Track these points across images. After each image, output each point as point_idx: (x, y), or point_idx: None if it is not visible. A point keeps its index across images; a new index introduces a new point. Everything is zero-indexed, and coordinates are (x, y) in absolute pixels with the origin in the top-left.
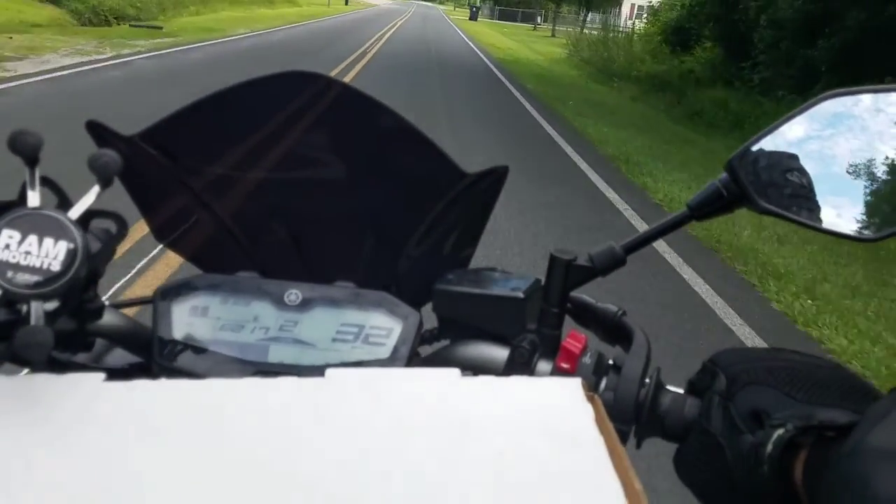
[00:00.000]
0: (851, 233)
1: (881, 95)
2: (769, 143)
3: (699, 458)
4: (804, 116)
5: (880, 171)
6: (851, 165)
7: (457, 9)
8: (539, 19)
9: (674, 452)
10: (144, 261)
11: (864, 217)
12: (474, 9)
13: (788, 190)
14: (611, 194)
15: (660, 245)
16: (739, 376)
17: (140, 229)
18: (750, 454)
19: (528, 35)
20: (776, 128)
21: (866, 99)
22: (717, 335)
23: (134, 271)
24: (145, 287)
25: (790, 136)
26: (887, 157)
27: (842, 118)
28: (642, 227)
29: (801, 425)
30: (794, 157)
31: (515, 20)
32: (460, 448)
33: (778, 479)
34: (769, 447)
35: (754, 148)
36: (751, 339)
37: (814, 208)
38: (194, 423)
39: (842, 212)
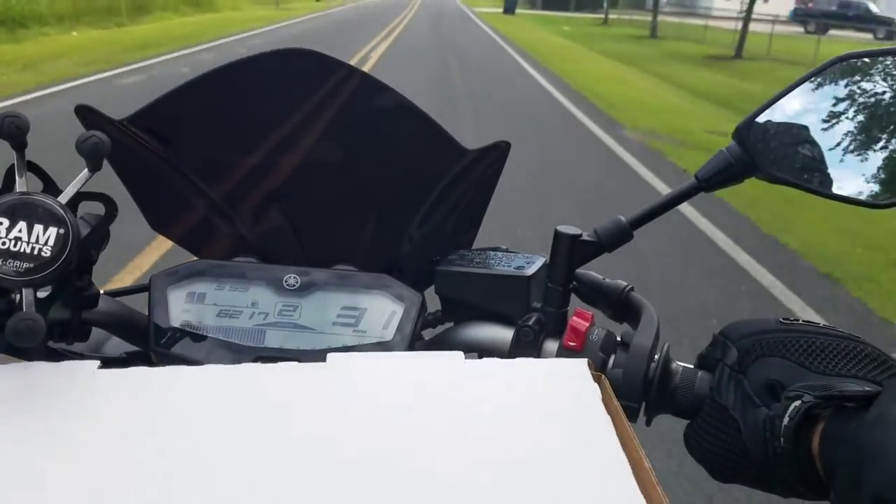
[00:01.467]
0: (866, 199)
1: (888, 58)
2: (778, 110)
3: (711, 432)
4: (813, 81)
5: (887, 135)
6: (863, 129)
7: None
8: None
9: (684, 428)
10: None
11: (878, 182)
12: None
13: (799, 157)
14: None
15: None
16: (752, 349)
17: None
18: (766, 427)
19: (607, 35)
20: (785, 94)
21: (877, 61)
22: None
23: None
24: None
25: (800, 101)
26: (894, 121)
27: (852, 81)
28: None
29: (821, 396)
30: (804, 124)
31: (566, 9)
32: (466, 432)
33: (794, 450)
34: (786, 419)
35: (762, 115)
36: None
37: (826, 175)
38: (193, 411)
39: (854, 178)
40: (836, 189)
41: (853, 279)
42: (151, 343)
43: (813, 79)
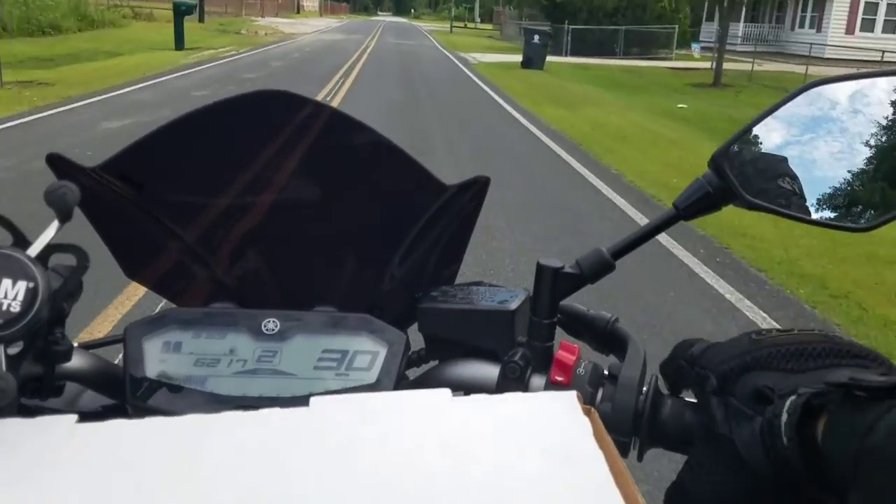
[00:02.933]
0: (843, 223)
1: (860, 82)
2: (752, 137)
3: (706, 465)
4: (785, 108)
5: (865, 159)
6: (836, 154)
7: (455, 28)
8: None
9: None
10: None
11: (854, 206)
12: (535, 40)
13: (775, 183)
14: None
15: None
16: (730, 371)
17: None
18: (763, 432)
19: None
20: (758, 121)
21: (846, 87)
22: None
23: None
24: None
25: (773, 128)
26: (870, 145)
27: (823, 107)
28: None
29: (828, 384)
30: (779, 150)
31: (612, 54)
32: (456, 470)
33: (799, 447)
34: (784, 416)
35: (737, 143)
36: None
37: (802, 200)
38: (173, 462)
39: (831, 202)
40: (815, 215)
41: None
42: (128, 396)
43: (784, 105)
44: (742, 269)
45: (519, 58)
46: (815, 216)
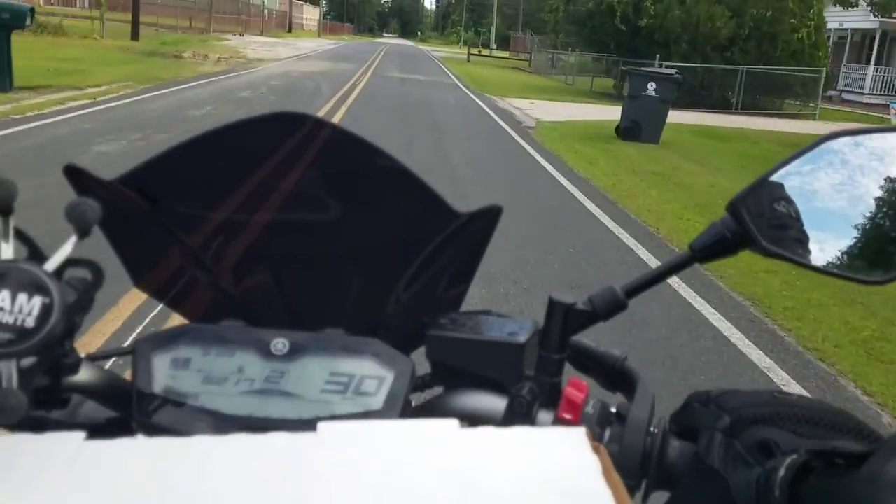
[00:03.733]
0: (860, 276)
1: (884, 135)
2: (772, 185)
3: (697, 495)
4: (807, 157)
5: (885, 213)
6: (856, 206)
7: (481, 54)
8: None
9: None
10: None
11: (871, 259)
12: (649, 90)
13: (793, 232)
14: None
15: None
16: (744, 416)
17: None
18: (760, 481)
19: None
20: (778, 168)
21: (869, 139)
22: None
23: None
24: None
25: (794, 176)
26: (892, 199)
27: (844, 159)
28: None
29: (815, 450)
30: (799, 198)
31: (725, 106)
32: (461, 503)
33: (788, 502)
34: (781, 471)
35: (757, 189)
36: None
37: (820, 250)
38: (179, 485)
39: (848, 253)
40: (832, 265)
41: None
42: (134, 411)
43: (806, 154)
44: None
45: (590, 109)
46: (832, 268)
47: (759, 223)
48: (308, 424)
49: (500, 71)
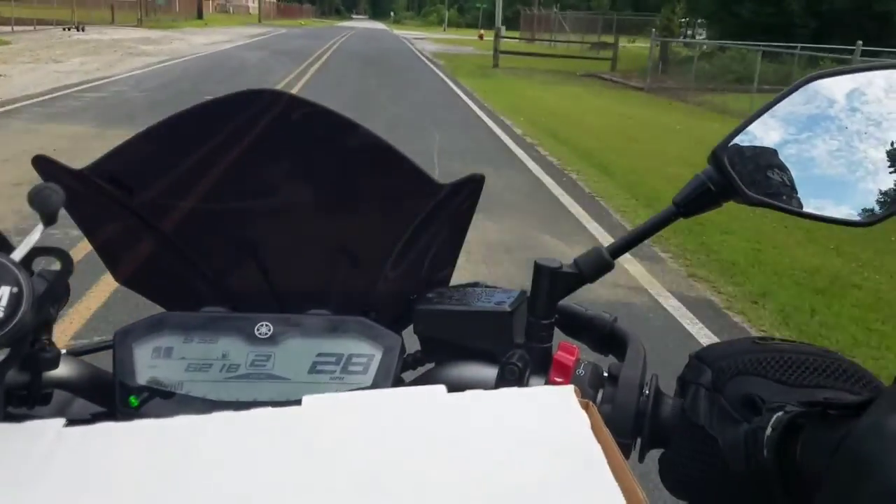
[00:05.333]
0: (844, 217)
1: (861, 75)
2: (752, 132)
3: (686, 454)
4: (786, 102)
5: (865, 153)
6: (835, 150)
7: (483, 39)
8: None
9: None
10: None
11: (855, 200)
12: None
13: (776, 178)
14: None
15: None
16: (727, 368)
17: None
18: (748, 440)
19: None
20: (758, 115)
21: (846, 80)
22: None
23: None
24: None
25: (773, 123)
26: (871, 139)
27: (824, 101)
28: None
29: (805, 402)
30: (779, 145)
31: None
32: (451, 465)
33: (778, 461)
34: (769, 430)
35: (737, 138)
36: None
37: (803, 195)
38: (162, 464)
39: (832, 197)
40: (816, 209)
41: None
42: (118, 403)
43: (784, 99)
44: None
45: None
46: (815, 211)
47: (742, 172)
48: (296, 406)
49: (585, 97)
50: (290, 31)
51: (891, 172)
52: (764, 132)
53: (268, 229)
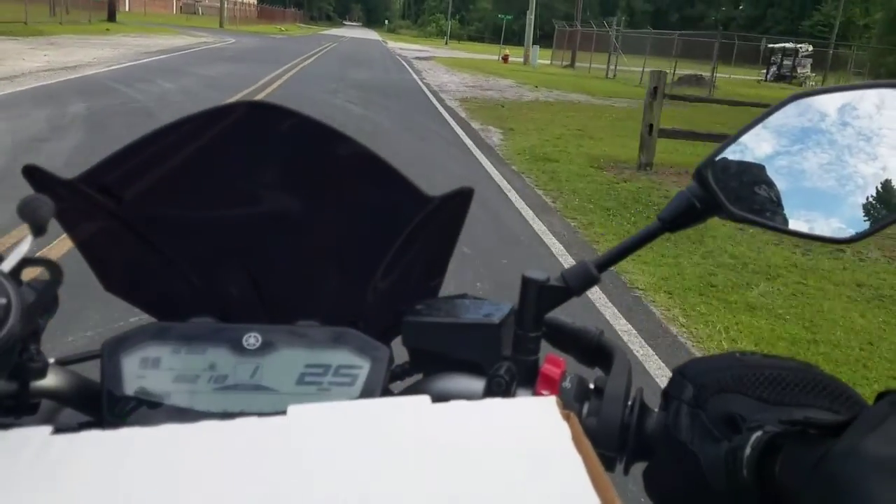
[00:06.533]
0: (827, 235)
1: (844, 94)
2: (736, 150)
3: (670, 469)
4: (769, 120)
5: (848, 171)
6: (823, 166)
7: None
8: None
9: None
10: None
11: (838, 218)
12: None
13: (760, 195)
14: None
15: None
16: (708, 385)
17: None
18: (728, 459)
19: None
20: (742, 133)
21: (830, 99)
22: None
23: None
24: None
25: (757, 140)
26: (854, 158)
27: (812, 119)
28: None
29: (783, 423)
30: (763, 161)
31: None
32: (434, 475)
33: (758, 481)
34: (748, 450)
35: (721, 155)
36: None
37: (787, 212)
38: (148, 473)
39: (815, 214)
40: (799, 226)
41: None
42: (105, 413)
43: (768, 117)
44: None
45: None
46: (799, 228)
47: (725, 189)
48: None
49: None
50: (238, 44)
51: (878, 188)
52: (750, 149)
53: (257, 239)
